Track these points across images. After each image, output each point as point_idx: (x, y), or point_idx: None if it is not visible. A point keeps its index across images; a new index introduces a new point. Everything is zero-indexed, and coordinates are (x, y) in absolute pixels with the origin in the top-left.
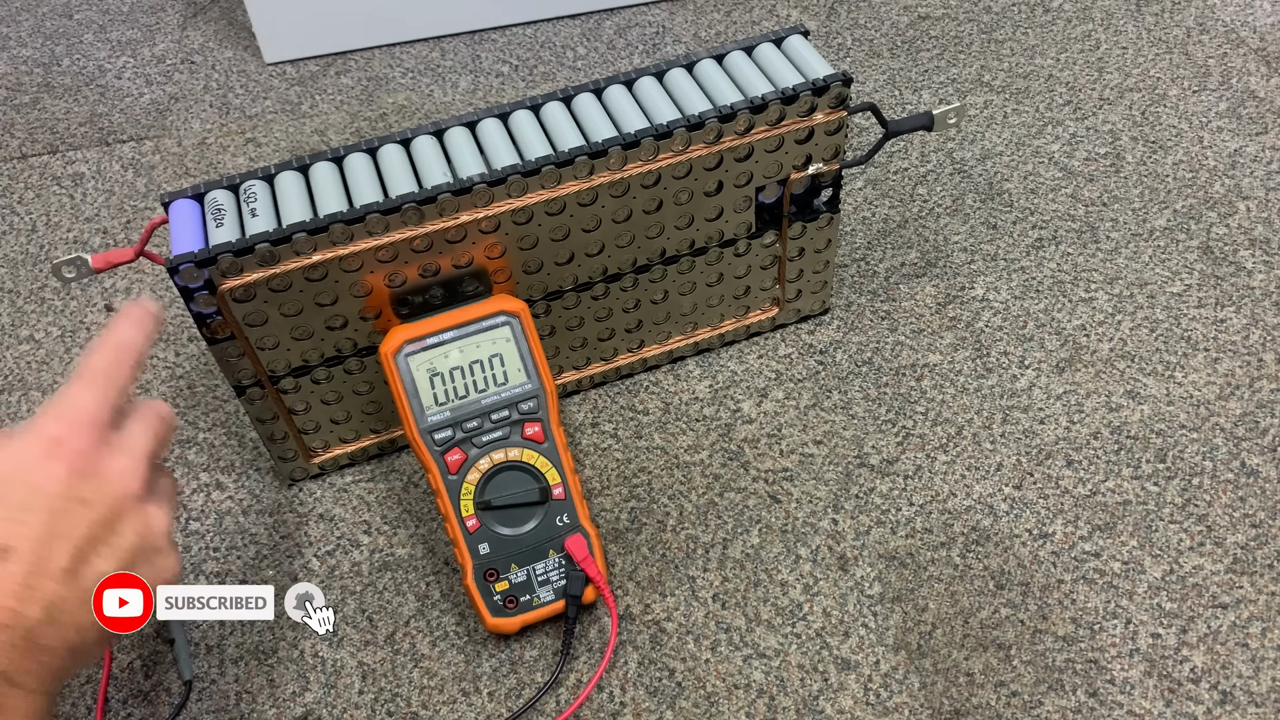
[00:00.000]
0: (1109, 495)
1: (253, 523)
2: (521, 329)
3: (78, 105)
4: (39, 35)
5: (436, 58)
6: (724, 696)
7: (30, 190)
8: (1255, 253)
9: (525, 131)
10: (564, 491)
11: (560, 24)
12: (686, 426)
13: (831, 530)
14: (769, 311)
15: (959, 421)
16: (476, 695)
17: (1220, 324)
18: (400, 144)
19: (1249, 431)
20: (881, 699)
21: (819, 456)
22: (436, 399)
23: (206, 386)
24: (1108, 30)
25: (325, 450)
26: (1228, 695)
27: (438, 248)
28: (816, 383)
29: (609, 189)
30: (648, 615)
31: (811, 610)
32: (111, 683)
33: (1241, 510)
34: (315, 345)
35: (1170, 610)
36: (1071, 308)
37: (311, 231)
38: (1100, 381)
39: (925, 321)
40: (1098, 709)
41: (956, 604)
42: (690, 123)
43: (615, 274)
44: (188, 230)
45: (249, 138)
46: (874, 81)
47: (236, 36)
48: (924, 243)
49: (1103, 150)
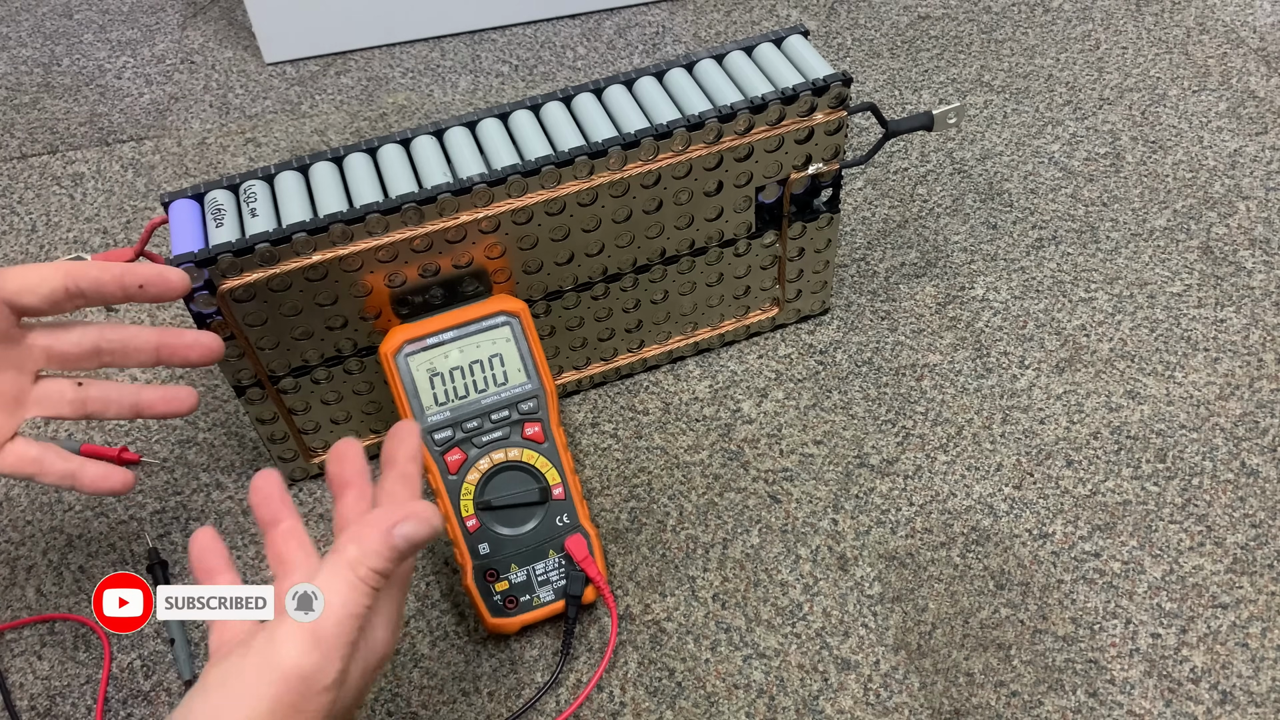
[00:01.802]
0: (1109, 495)
1: (253, 523)
2: (521, 329)
3: (78, 105)
4: (39, 35)
5: (436, 58)
6: (724, 696)
7: (30, 190)
8: (1255, 253)
9: (525, 131)
10: (564, 491)
11: (560, 24)
12: (686, 426)
13: (831, 530)
14: (769, 311)
15: (959, 421)
16: (476, 695)
17: (1220, 324)
18: (400, 144)
19: (1249, 431)
20: (881, 699)
21: (819, 456)
22: (436, 399)
23: (206, 386)
24: (1108, 30)
25: (325, 450)
26: (1228, 695)
27: (438, 248)
28: (816, 383)
29: (609, 189)
30: (648, 615)
31: (811, 610)
32: (111, 683)
33: (1241, 510)
34: (315, 345)
35: (1170, 610)
36: (1071, 308)
37: (311, 231)
38: (1100, 381)
39: (925, 321)
40: (1098, 709)
41: (956, 604)
42: (690, 123)
43: (615, 274)
44: (188, 230)
45: (249, 138)
46: (874, 81)
47: (236, 36)
48: (924, 243)
49: (1103, 150)
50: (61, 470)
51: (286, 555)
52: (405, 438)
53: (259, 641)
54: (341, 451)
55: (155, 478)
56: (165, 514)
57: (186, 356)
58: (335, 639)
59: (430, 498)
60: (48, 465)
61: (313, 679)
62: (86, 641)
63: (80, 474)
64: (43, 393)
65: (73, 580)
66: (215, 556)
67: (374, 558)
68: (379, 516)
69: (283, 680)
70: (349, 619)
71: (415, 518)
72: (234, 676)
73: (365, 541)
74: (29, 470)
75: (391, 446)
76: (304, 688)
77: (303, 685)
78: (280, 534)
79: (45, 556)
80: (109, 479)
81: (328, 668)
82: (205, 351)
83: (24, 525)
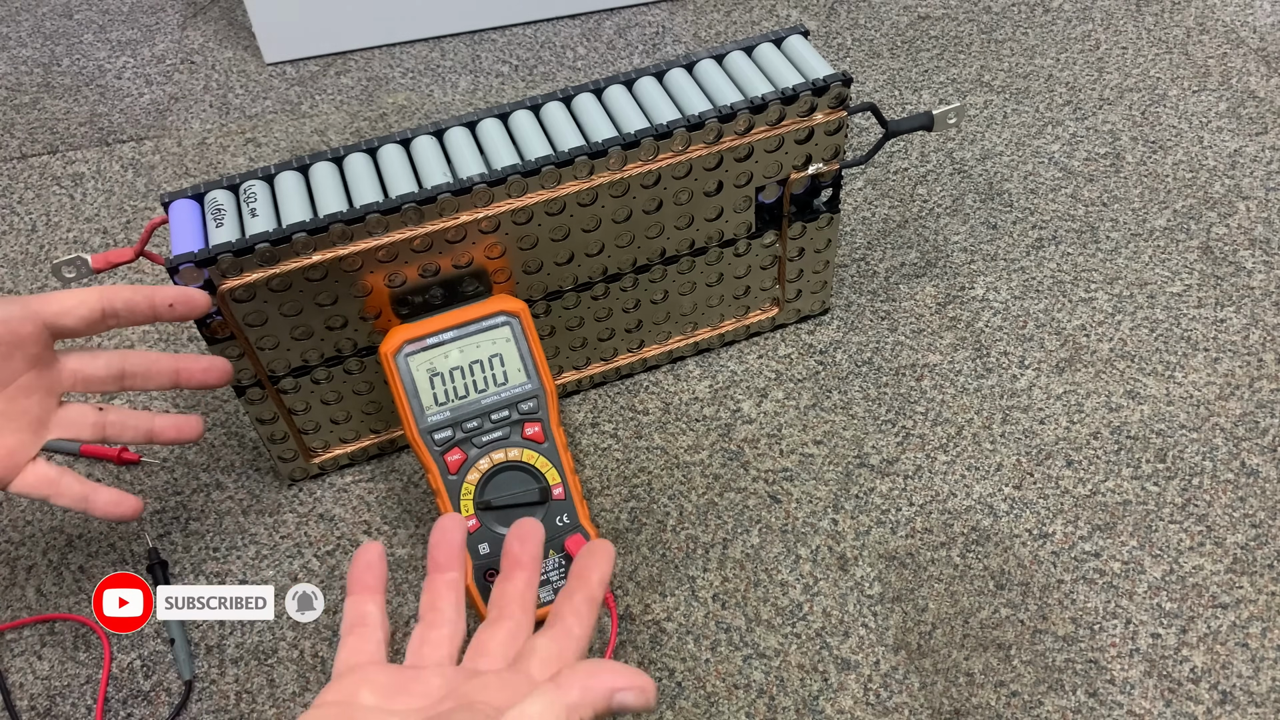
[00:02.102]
0: (1109, 495)
1: (253, 523)
2: (521, 329)
3: (78, 105)
4: (39, 35)
5: (436, 58)
6: (724, 696)
7: (30, 190)
8: (1255, 253)
9: (525, 131)
10: (564, 492)
11: (560, 24)
12: (686, 426)
13: (831, 530)
14: (769, 311)
15: (959, 421)
16: None
17: (1220, 324)
18: (400, 144)
19: (1249, 431)
20: (881, 699)
21: (819, 456)
22: (436, 399)
23: None
24: (1108, 30)
25: (325, 450)
26: (1228, 695)
27: (438, 248)
28: (816, 383)
29: (609, 189)
30: (648, 615)
31: (811, 610)
32: (111, 683)
33: (1241, 510)
34: (315, 345)
35: (1170, 610)
36: (1071, 308)
37: (311, 231)
38: (1100, 381)
39: (925, 321)
40: (1098, 709)
41: (956, 604)
42: (690, 123)
43: (615, 274)
44: (188, 230)
45: (249, 138)
46: (874, 81)
47: (236, 36)
48: (924, 243)
49: (1103, 150)
50: (76, 494)
51: (442, 606)
52: (601, 561)
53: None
54: (526, 532)
55: (155, 478)
56: (165, 514)
57: (203, 380)
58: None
59: (430, 499)
60: (64, 488)
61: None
62: (86, 641)
63: (93, 499)
64: (66, 416)
65: (73, 580)
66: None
67: (589, 710)
68: (608, 673)
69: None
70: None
71: (639, 690)
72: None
73: (590, 691)
74: (45, 491)
75: (587, 565)
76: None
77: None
78: (444, 582)
79: (45, 556)
80: (120, 505)
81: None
82: (219, 375)
83: (24, 525)
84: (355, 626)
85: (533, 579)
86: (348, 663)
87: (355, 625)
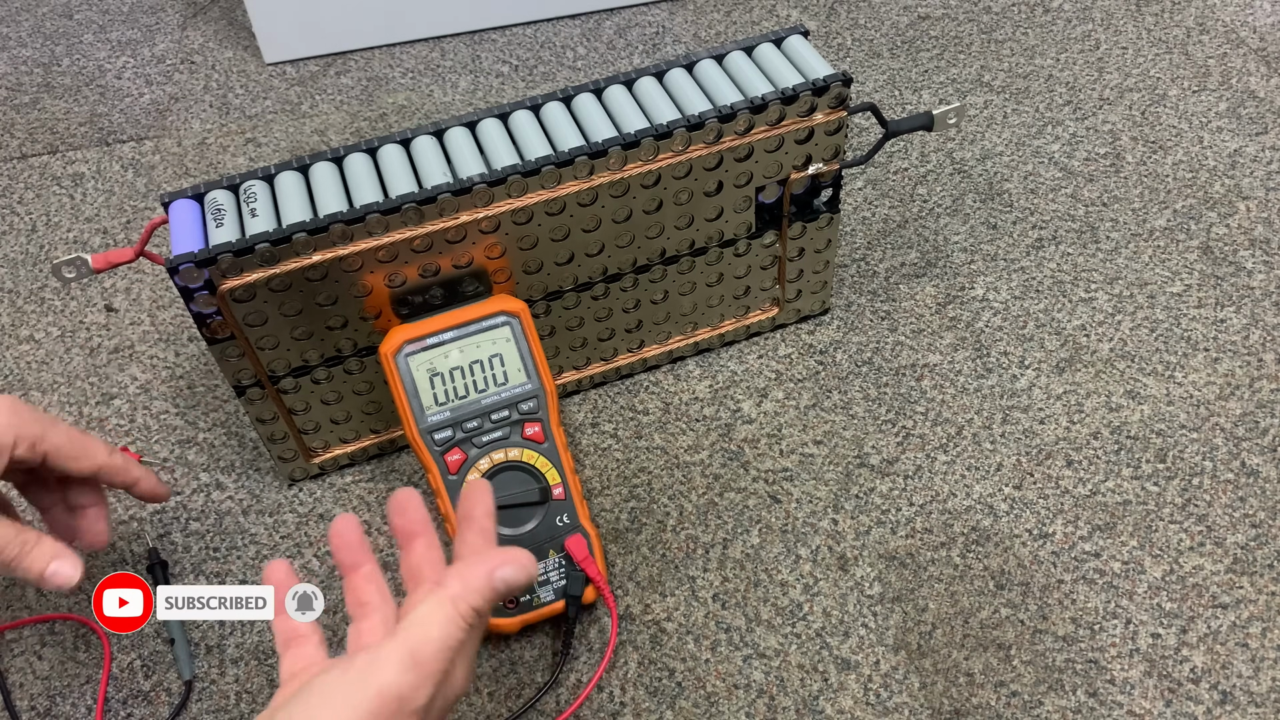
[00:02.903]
0: (1109, 495)
1: (253, 523)
2: (521, 329)
3: (78, 105)
4: (39, 35)
5: (436, 58)
6: (724, 696)
7: (30, 190)
8: (1255, 253)
9: (525, 131)
10: (564, 491)
11: (560, 24)
12: (686, 426)
13: (831, 530)
14: (769, 311)
15: (959, 421)
16: (476, 695)
17: (1220, 324)
18: (400, 144)
19: (1249, 431)
20: (881, 699)
21: (819, 456)
22: (436, 399)
23: (206, 386)
24: (1108, 30)
25: (325, 450)
26: (1228, 695)
27: (438, 248)
28: (816, 383)
29: (609, 189)
30: (648, 615)
31: (811, 610)
32: (111, 683)
33: (1241, 510)
34: (315, 345)
35: (1170, 610)
36: (1071, 308)
37: (311, 231)
38: (1100, 381)
39: (925, 321)
40: (1098, 709)
41: (956, 604)
42: (690, 123)
43: (615, 274)
44: (188, 230)
45: (249, 138)
46: (874, 81)
47: (236, 36)
48: (924, 243)
49: (1103, 150)
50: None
51: (366, 598)
52: (481, 496)
53: (361, 660)
54: (402, 503)
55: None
56: (165, 514)
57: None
58: (431, 665)
59: (431, 499)
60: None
61: (406, 699)
62: (86, 641)
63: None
64: None
65: None
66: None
67: (475, 595)
68: (482, 559)
69: (379, 697)
70: (445, 649)
71: (515, 563)
72: (335, 690)
73: (469, 580)
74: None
75: (468, 504)
76: (398, 707)
77: (397, 704)
78: (361, 577)
79: None
80: (158, 489)
81: (420, 691)
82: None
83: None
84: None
85: (432, 540)
86: (290, 670)
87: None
